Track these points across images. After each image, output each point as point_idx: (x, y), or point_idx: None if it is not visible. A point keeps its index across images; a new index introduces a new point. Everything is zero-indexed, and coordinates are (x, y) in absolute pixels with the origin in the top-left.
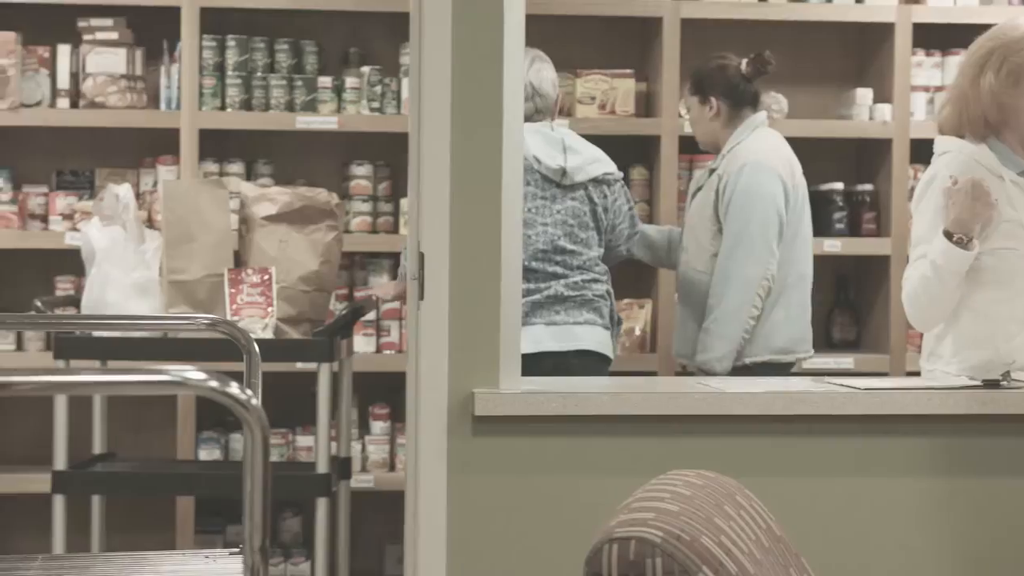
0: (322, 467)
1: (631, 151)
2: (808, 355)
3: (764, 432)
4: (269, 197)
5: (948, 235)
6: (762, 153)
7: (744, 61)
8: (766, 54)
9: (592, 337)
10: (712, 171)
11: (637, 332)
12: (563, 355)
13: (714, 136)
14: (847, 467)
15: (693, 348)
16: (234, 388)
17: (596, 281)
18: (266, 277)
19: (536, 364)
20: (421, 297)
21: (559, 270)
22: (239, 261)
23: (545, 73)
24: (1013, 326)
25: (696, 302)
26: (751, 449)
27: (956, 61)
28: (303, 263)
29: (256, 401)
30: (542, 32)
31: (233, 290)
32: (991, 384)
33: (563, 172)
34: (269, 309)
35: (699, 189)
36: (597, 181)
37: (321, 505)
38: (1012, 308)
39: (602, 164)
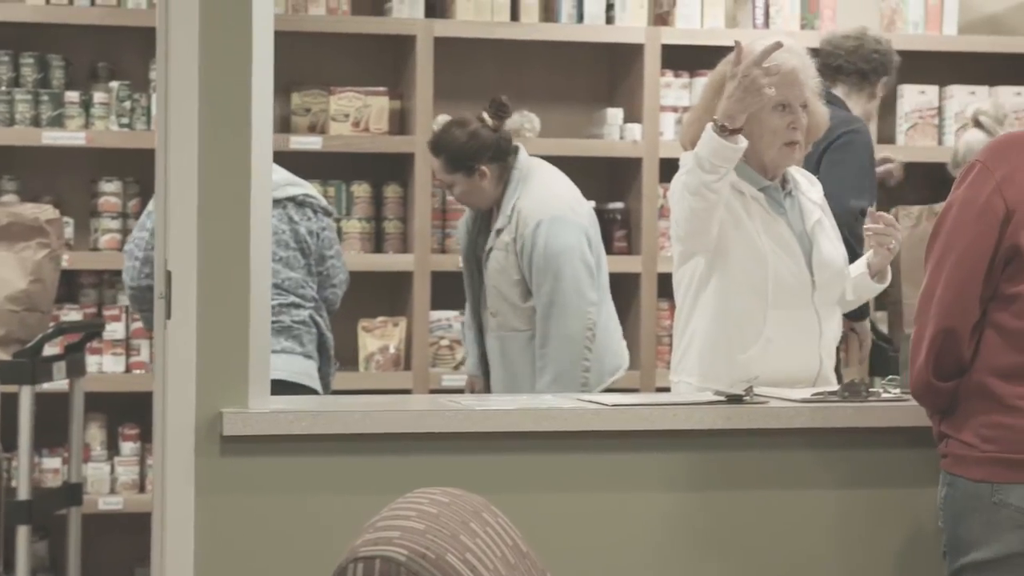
0: (23, 494)
1: (385, 169)
2: (626, 364)
3: (514, 449)
4: None
5: (715, 125)
6: (550, 206)
7: (485, 114)
8: (502, 98)
9: (287, 367)
10: (499, 231)
11: (392, 350)
12: None
13: (491, 198)
14: (595, 483)
15: None
16: None
17: (297, 307)
18: None
19: None
20: (168, 316)
21: None
22: None
23: None
24: (749, 337)
25: (523, 359)
26: (501, 466)
27: (704, 82)
28: (11, 282)
29: None
30: (295, 49)
31: None
32: (734, 399)
33: None
34: None
35: (491, 249)
36: (298, 202)
37: (21, 533)
38: (750, 319)
39: (303, 187)
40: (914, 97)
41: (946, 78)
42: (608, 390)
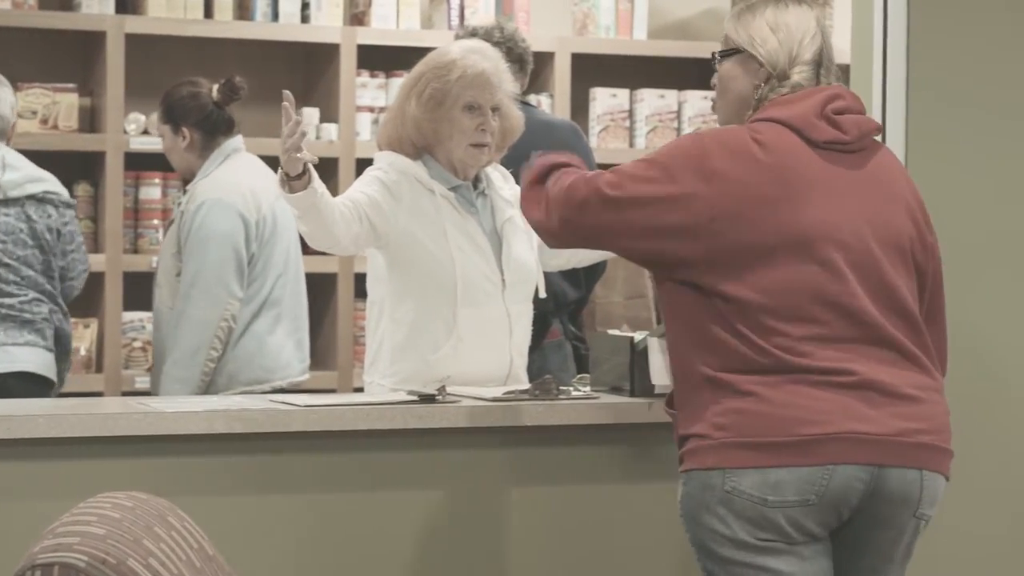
0: None
1: (75, 167)
2: (292, 378)
3: (205, 451)
4: None
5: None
6: (222, 189)
7: (215, 87)
8: (236, 79)
9: (34, 359)
10: (179, 205)
11: (83, 352)
12: (2, 377)
13: (190, 165)
14: (286, 484)
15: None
16: None
17: (39, 302)
18: None
19: None
20: None
21: None
22: None
23: (3, 94)
24: (440, 336)
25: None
26: (191, 469)
27: (399, 82)
28: None
29: None
30: None
31: None
32: (427, 399)
33: None
34: None
35: (171, 223)
36: (37, 200)
37: None
38: (440, 318)
39: (45, 184)
40: (606, 100)
41: (637, 82)
42: (304, 390)
